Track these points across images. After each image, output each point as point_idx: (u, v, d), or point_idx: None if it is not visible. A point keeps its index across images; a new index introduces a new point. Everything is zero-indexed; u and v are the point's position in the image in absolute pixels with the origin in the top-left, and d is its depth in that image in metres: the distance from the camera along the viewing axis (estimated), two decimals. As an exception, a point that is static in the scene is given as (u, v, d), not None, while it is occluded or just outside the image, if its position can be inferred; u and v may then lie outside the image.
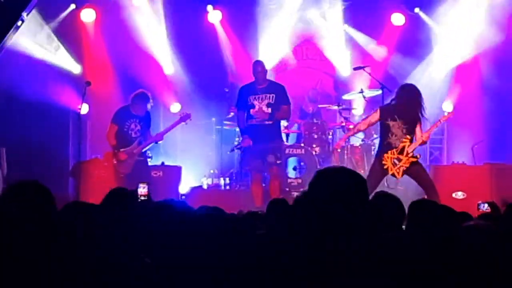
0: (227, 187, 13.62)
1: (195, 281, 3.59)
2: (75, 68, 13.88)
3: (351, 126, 13.24)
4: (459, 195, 12.36)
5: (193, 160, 14.02)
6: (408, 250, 3.45)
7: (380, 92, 12.34)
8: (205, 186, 13.70)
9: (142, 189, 7.33)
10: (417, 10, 14.39)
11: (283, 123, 12.50)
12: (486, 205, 6.87)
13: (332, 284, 3.10)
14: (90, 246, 3.68)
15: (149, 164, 12.32)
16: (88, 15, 13.99)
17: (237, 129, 13.55)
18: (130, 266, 3.64)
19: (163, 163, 13.17)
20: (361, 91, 13.04)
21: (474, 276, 3.34)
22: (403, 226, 4.89)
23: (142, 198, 7.15)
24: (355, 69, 13.21)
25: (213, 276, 3.59)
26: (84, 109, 12.21)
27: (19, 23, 11.32)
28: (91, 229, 3.80)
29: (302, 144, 13.15)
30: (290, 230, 4.45)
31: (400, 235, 3.91)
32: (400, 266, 3.26)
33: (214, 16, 14.52)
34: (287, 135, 13.75)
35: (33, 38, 13.12)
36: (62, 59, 13.69)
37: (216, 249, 3.78)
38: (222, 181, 13.70)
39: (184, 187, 13.08)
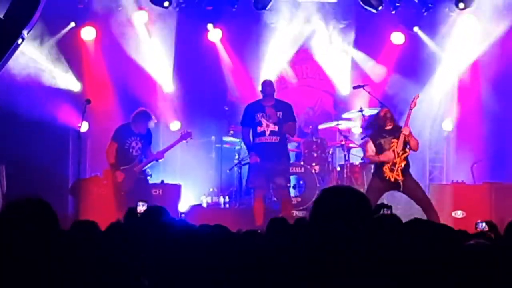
0: (227, 206, 13.60)
1: (195, 281, 3.60)
2: (75, 86, 13.89)
3: (351, 145, 13.31)
4: (459, 214, 12.35)
5: (192, 178, 14.00)
6: (408, 250, 3.47)
7: (379, 111, 12.36)
8: (204, 205, 13.68)
9: (142, 207, 7.32)
10: (416, 29, 14.40)
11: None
12: (484, 224, 6.88)
13: (332, 284, 3.12)
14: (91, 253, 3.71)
15: (149, 182, 12.32)
16: (88, 33, 14.01)
17: (237, 147, 13.61)
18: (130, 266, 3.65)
19: (162, 181, 13.15)
20: (361, 110, 13.06)
21: (474, 277, 3.36)
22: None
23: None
24: (354, 87, 13.20)
25: (213, 276, 3.60)
26: (84, 127, 12.20)
27: (20, 41, 11.34)
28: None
29: (302, 163, 13.15)
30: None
31: (401, 236, 3.93)
32: (400, 266, 3.28)
33: (214, 34, 14.54)
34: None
35: (33, 56, 13.14)
36: (62, 76, 13.71)
37: (216, 250, 3.79)
38: (221, 200, 13.68)
39: (183, 206, 13.05)
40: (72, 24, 13.81)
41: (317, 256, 3.22)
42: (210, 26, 14.39)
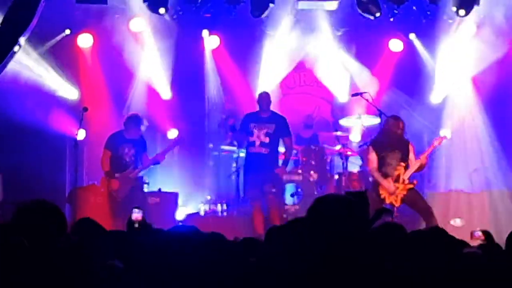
0: (224, 213, 13.53)
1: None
2: (72, 93, 13.85)
3: (349, 153, 13.26)
4: (457, 222, 12.31)
5: (190, 186, 13.96)
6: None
7: (378, 118, 12.29)
8: (202, 213, 13.61)
9: (137, 214, 7.24)
10: (412, 36, 14.36)
11: (281, 149, 12.46)
12: (480, 233, 6.90)
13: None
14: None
15: (146, 190, 12.30)
16: (85, 41, 13.98)
17: (235, 155, 13.58)
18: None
19: (160, 189, 13.11)
20: (359, 117, 13.04)
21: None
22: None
23: (137, 223, 7.07)
24: (353, 95, 13.15)
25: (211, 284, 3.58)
26: (81, 135, 12.17)
27: (16, 48, 11.33)
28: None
29: (300, 171, 13.10)
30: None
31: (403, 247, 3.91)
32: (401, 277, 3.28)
33: (211, 42, 14.50)
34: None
35: (29, 63, 13.10)
36: (59, 84, 13.67)
37: (214, 258, 3.78)
38: (219, 207, 13.61)
39: (181, 214, 13.02)
40: (67, 32, 13.76)
41: (317, 265, 3.20)
42: (205, 33, 14.32)
